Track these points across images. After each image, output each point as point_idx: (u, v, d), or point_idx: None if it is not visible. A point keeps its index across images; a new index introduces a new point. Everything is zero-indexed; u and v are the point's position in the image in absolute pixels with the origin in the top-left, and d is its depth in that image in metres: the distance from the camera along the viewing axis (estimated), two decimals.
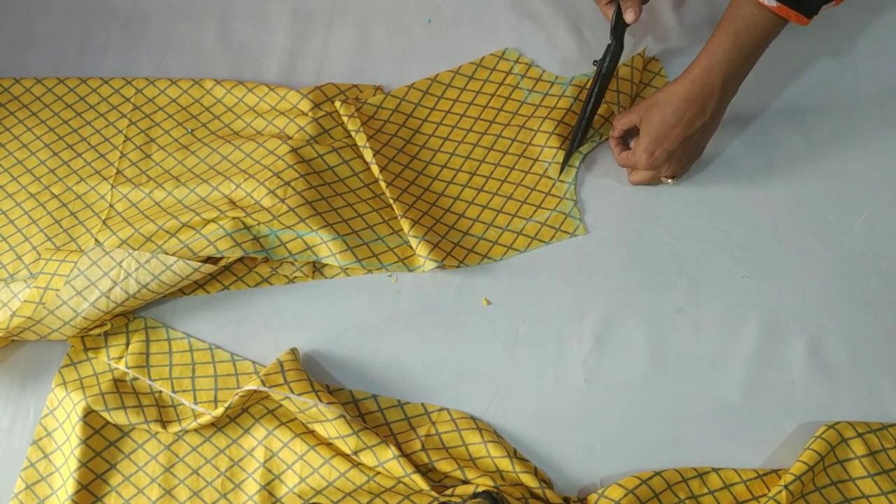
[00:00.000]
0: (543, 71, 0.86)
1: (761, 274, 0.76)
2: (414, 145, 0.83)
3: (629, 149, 0.78)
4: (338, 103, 0.83)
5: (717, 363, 0.73)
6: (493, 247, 0.78)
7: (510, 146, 0.83)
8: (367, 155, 0.80)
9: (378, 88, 0.86)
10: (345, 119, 0.82)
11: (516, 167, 0.82)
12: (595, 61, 0.78)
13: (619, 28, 0.77)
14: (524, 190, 0.80)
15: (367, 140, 0.80)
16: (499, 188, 0.81)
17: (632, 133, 0.79)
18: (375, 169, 0.80)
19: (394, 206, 0.78)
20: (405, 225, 0.76)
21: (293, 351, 0.72)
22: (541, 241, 0.78)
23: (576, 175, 0.81)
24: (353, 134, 0.82)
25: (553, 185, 0.80)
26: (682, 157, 0.76)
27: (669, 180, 0.79)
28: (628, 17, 0.76)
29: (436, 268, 0.75)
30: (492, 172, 0.81)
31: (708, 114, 0.72)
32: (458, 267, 0.77)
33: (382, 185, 0.79)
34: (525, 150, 0.82)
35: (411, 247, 0.77)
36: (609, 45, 0.78)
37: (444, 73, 0.86)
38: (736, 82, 0.72)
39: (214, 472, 0.70)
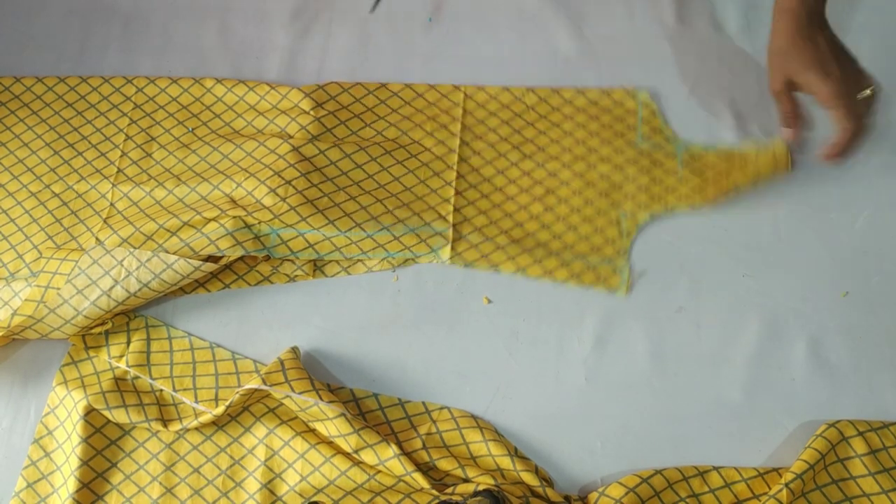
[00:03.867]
0: (665, 124, 0.83)
1: (762, 272, 0.76)
2: (507, 143, 0.83)
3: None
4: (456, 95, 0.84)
5: (718, 362, 0.73)
6: (532, 265, 0.76)
7: (598, 180, 0.80)
8: (453, 143, 0.82)
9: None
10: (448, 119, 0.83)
11: (594, 202, 0.79)
12: None
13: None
14: (589, 227, 0.78)
15: (461, 130, 0.82)
16: (567, 215, 0.79)
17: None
18: (454, 156, 0.81)
19: (451, 195, 0.79)
20: (453, 216, 0.77)
21: (294, 349, 0.72)
22: (580, 281, 0.76)
23: (635, 237, 0.79)
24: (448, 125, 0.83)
25: (617, 236, 0.78)
26: (851, 63, 0.74)
27: (867, 90, 0.74)
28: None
29: (465, 265, 0.76)
30: (568, 198, 0.80)
31: (825, 22, 0.74)
32: (490, 269, 0.77)
33: (452, 174, 0.80)
34: (610, 190, 0.80)
35: (419, 235, 0.77)
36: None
37: (568, 89, 0.85)
38: None
39: (215, 471, 0.70)
